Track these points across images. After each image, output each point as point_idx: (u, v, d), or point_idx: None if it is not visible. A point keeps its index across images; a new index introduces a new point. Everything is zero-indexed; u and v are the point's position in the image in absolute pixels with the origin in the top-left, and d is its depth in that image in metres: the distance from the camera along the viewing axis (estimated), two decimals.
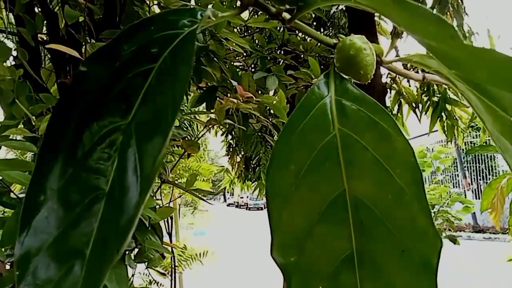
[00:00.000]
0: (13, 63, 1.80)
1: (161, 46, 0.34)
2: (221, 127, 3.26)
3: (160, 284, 3.09)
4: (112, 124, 0.33)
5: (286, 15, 0.37)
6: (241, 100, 1.35)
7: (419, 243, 0.36)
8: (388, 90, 2.93)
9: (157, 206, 2.22)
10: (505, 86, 0.21)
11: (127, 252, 1.21)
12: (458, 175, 13.64)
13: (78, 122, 0.36)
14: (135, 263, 1.23)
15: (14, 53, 1.66)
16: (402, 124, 3.03)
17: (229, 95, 1.48)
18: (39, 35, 1.83)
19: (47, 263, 0.34)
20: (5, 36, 1.61)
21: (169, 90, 0.29)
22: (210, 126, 1.44)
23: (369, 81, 0.41)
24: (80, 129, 0.35)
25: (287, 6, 0.36)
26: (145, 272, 2.38)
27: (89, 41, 1.35)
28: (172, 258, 3.09)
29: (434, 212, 4.01)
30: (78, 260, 0.32)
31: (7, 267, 1.14)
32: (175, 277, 3.06)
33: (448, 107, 3.11)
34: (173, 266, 3.07)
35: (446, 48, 0.23)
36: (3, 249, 1.14)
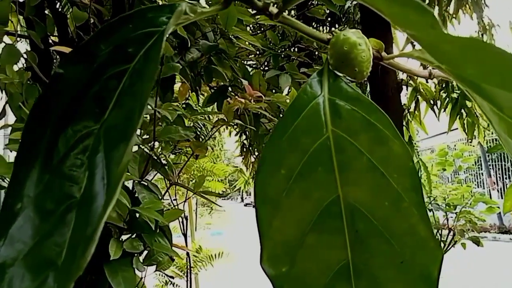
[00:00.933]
0: (24, 66, 1.81)
1: (137, 45, 0.32)
2: (235, 127, 3.25)
3: (176, 284, 3.08)
4: (86, 129, 0.32)
5: (274, 9, 0.35)
6: (250, 100, 1.33)
7: (419, 255, 0.33)
8: (404, 86, 2.88)
9: (172, 207, 2.22)
10: (498, 83, 0.19)
11: (135, 255, 1.20)
12: (482, 174, 13.28)
13: (54, 126, 0.34)
14: (144, 266, 1.22)
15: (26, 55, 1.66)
16: (420, 122, 2.97)
17: (238, 94, 1.46)
18: (50, 37, 1.84)
19: (22, 274, 0.32)
20: (16, 39, 1.61)
21: (138, 93, 0.27)
22: (219, 126, 1.42)
23: (383, 77, 0.38)
24: (56, 134, 0.34)
25: (273, 0, 0.33)
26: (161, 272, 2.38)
27: None
28: (188, 259, 3.08)
29: (456, 213, 3.93)
30: (51, 272, 0.30)
31: None
32: (190, 277, 3.05)
33: (468, 103, 3.03)
34: (188, 267, 3.06)
35: (431, 39, 0.20)
36: None
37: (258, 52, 2.79)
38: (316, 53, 3.13)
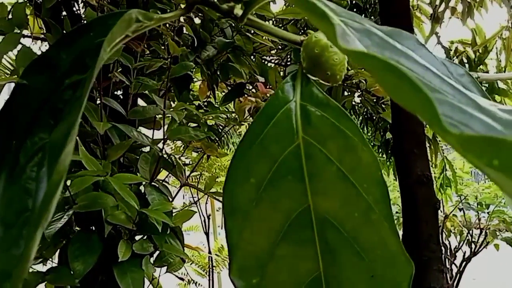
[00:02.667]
0: None
1: (95, 55, 0.31)
2: None
3: (199, 284, 3.09)
4: (41, 141, 0.31)
5: (239, 12, 0.34)
6: (262, 99, 1.31)
7: (389, 269, 0.31)
8: None
9: (190, 205, 2.22)
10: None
11: (146, 256, 1.20)
12: None
13: (18, 138, 0.34)
14: (154, 268, 1.22)
15: None
16: None
17: (250, 93, 1.44)
18: None
19: None
20: (32, 41, 1.64)
21: (78, 105, 0.26)
22: (230, 126, 1.41)
23: None
24: (18, 146, 0.33)
25: (234, 3, 0.32)
26: (183, 271, 2.39)
27: None
28: (210, 258, 3.09)
29: (488, 213, 3.80)
30: (8, 284, 0.30)
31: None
32: (212, 277, 3.06)
33: (498, 98, 2.94)
34: (210, 266, 3.07)
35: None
36: None
37: (280, 47, 2.76)
38: None
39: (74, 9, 1.82)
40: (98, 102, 1.36)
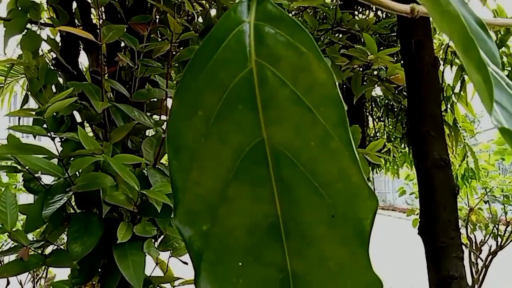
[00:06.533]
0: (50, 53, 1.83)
1: None
2: None
3: None
4: None
5: None
6: None
7: (351, 205, 0.27)
8: (449, 65, 2.72)
9: None
10: None
11: (149, 239, 1.17)
12: None
13: None
14: (158, 252, 1.19)
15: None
16: (466, 103, 2.79)
17: None
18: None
19: None
20: (39, 26, 1.62)
21: None
22: None
23: (418, 52, 0.32)
24: None
25: None
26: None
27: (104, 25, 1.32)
28: None
29: None
30: None
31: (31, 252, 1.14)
32: None
33: None
34: None
35: None
36: (27, 235, 1.14)
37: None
38: (359, 37, 3.01)
39: None
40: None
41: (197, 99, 0.31)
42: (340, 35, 2.81)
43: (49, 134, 1.07)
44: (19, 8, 1.53)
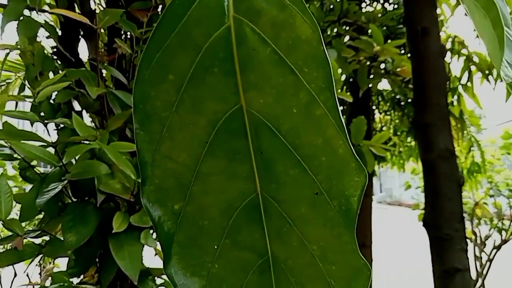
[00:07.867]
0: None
1: None
2: None
3: None
4: None
5: None
6: None
7: (337, 181, 0.23)
8: (454, 54, 2.66)
9: None
10: None
11: (147, 230, 1.14)
12: None
13: None
14: (156, 242, 1.16)
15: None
16: (473, 94, 2.73)
17: None
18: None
19: None
20: (37, 12, 1.59)
21: None
22: None
23: (424, 40, 0.28)
24: None
25: None
26: None
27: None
28: None
29: None
30: None
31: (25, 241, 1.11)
32: None
33: None
34: None
35: None
36: (22, 224, 1.11)
37: None
38: (365, 29, 2.96)
39: None
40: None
41: (168, 61, 0.27)
42: (347, 27, 2.76)
43: (41, 121, 1.04)
44: None
